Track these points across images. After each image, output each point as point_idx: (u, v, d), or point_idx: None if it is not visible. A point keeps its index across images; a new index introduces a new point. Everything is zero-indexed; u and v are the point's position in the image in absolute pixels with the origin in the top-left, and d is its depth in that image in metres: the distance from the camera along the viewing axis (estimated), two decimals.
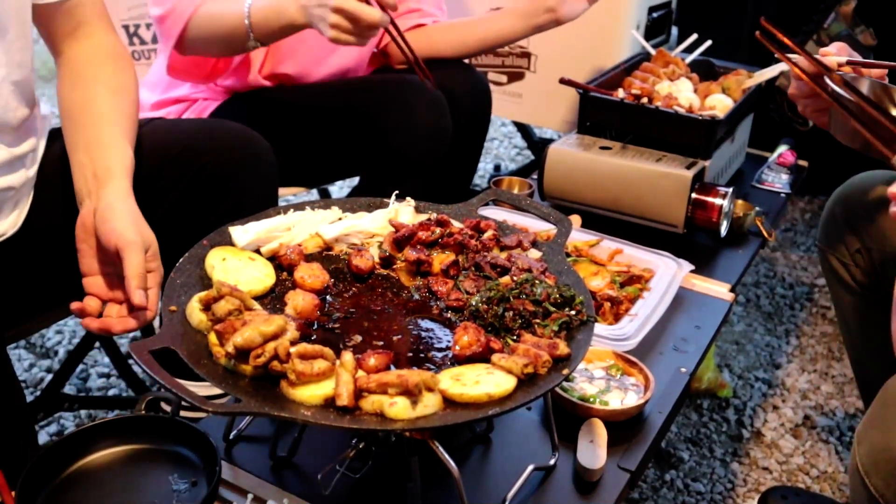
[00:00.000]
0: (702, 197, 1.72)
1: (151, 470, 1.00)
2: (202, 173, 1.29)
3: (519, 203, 1.27)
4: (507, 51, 2.62)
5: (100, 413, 1.88)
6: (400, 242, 1.16)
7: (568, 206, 1.83)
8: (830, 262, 1.53)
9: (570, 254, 1.58)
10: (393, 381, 0.86)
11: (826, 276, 1.58)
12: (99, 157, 1.14)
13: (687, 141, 1.80)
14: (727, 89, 2.00)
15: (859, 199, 1.48)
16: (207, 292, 0.98)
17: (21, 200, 1.24)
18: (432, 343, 1.00)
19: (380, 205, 1.26)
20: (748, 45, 2.75)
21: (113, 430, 1.02)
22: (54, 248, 1.27)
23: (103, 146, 1.15)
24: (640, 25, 2.48)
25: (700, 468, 1.83)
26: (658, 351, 1.39)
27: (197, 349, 0.92)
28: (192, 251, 1.09)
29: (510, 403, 0.88)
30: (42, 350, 2.12)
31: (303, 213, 1.21)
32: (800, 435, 1.95)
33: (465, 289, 1.08)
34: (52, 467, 0.97)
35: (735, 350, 2.26)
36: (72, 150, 1.17)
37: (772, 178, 2.13)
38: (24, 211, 1.24)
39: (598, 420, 1.19)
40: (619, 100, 1.87)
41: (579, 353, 0.97)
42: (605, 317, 1.41)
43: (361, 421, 0.86)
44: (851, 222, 1.48)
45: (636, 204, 1.77)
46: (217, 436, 1.11)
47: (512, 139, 3.63)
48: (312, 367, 0.88)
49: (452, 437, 1.17)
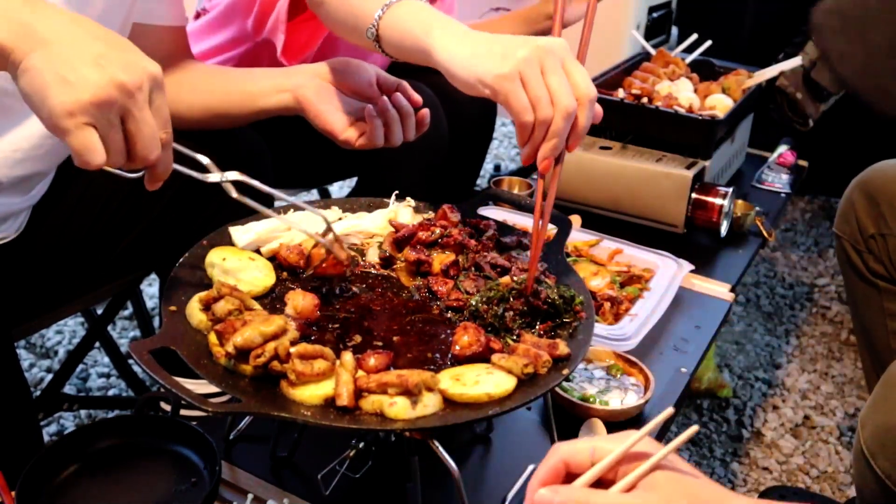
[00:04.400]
0: (702, 197, 1.72)
1: (151, 470, 1.00)
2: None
3: (519, 203, 1.27)
4: None
5: (100, 413, 1.88)
6: (400, 243, 1.16)
7: (568, 206, 1.83)
8: (845, 249, 1.53)
9: (570, 254, 1.58)
10: (393, 381, 0.86)
11: (840, 264, 1.59)
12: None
13: (687, 141, 1.80)
14: (727, 89, 2.01)
15: (879, 186, 1.48)
16: (207, 292, 0.97)
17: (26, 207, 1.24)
18: (432, 343, 1.00)
19: (380, 205, 1.26)
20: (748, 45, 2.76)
21: (113, 430, 1.02)
22: (56, 248, 1.27)
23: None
24: (640, 25, 2.48)
25: (700, 468, 1.83)
26: (658, 351, 1.39)
27: (197, 349, 0.92)
28: (192, 251, 1.09)
29: (510, 403, 0.88)
30: (42, 350, 2.12)
31: (303, 213, 1.20)
32: (800, 435, 1.95)
33: (465, 289, 1.08)
34: (52, 467, 0.97)
35: (735, 350, 2.26)
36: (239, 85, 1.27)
37: (772, 178, 2.13)
38: (28, 213, 1.25)
39: (598, 420, 1.19)
40: (620, 100, 1.87)
41: (579, 353, 0.97)
42: (605, 317, 1.41)
43: (361, 421, 0.86)
44: (868, 208, 1.49)
45: (636, 204, 1.78)
46: (217, 436, 1.11)
47: (512, 139, 3.63)
48: (312, 367, 0.88)
49: (452, 437, 1.17)
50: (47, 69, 0.76)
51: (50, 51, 0.76)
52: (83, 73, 0.76)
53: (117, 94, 0.77)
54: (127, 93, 0.78)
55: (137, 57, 0.80)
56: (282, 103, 1.26)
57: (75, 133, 0.76)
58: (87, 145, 0.77)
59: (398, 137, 1.23)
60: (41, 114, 0.77)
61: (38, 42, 0.77)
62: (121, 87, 0.77)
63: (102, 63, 0.77)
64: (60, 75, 0.75)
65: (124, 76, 0.77)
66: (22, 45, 0.76)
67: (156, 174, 0.86)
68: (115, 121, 0.78)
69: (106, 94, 0.76)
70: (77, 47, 0.77)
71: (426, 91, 1.73)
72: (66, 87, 0.75)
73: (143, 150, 0.81)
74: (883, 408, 1.01)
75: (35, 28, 0.77)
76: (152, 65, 0.81)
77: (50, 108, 0.75)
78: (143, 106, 0.80)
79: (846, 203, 1.54)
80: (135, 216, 1.30)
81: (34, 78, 0.76)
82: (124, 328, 2.21)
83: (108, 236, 1.30)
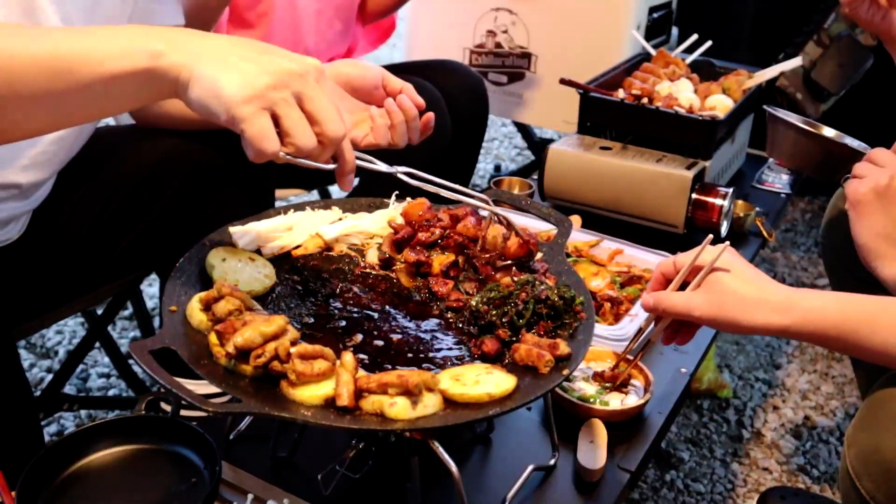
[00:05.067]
0: (702, 197, 1.72)
1: (151, 470, 1.00)
2: (196, 170, 1.29)
3: (519, 203, 1.27)
4: (508, 51, 2.62)
5: (100, 413, 1.88)
6: (400, 244, 1.16)
7: (568, 207, 1.83)
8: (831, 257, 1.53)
9: (571, 254, 1.58)
10: (393, 381, 0.86)
11: (829, 274, 1.58)
12: None
13: (687, 141, 1.80)
14: (727, 90, 2.00)
15: None
16: (207, 292, 0.97)
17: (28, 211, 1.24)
18: (432, 343, 1.00)
19: (380, 205, 1.26)
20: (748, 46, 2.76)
21: (113, 430, 1.02)
22: (57, 248, 1.27)
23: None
24: (640, 26, 2.49)
25: (700, 468, 1.83)
26: (658, 351, 1.39)
27: (197, 349, 0.92)
28: (192, 251, 1.09)
29: (510, 403, 0.88)
30: (42, 350, 2.12)
31: (303, 213, 1.21)
32: (800, 435, 1.95)
33: (465, 289, 1.08)
34: (52, 467, 0.97)
35: (735, 350, 2.26)
36: None
37: (772, 179, 2.13)
38: (29, 216, 1.25)
39: (598, 420, 1.19)
40: (620, 100, 1.87)
41: (579, 353, 0.97)
42: (605, 317, 1.41)
43: (361, 421, 0.86)
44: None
45: (636, 204, 1.78)
46: (217, 436, 1.11)
47: (512, 139, 3.63)
48: (312, 368, 0.88)
49: (452, 437, 1.17)
50: (218, 71, 0.80)
51: (216, 59, 0.80)
52: (253, 66, 0.80)
53: (288, 77, 0.81)
54: (297, 76, 0.81)
55: (298, 55, 0.85)
56: None
57: (251, 120, 0.80)
58: (261, 132, 0.80)
59: (403, 139, 1.24)
60: (218, 111, 0.80)
61: (204, 58, 0.81)
62: (290, 72, 0.81)
63: (268, 57, 0.81)
64: (232, 71, 0.79)
65: (291, 64, 0.82)
66: (189, 61, 0.80)
67: (345, 164, 0.90)
68: (291, 101, 0.81)
69: (278, 78, 0.80)
70: (242, 52, 0.81)
71: (431, 91, 1.74)
72: (239, 77, 0.79)
73: (329, 128, 0.83)
74: (868, 428, 1.01)
75: (201, 48, 0.81)
76: (313, 59, 0.85)
77: (227, 99, 0.79)
78: (314, 86, 0.83)
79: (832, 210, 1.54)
80: (135, 216, 1.30)
81: (206, 82, 0.80)
82: (124, 328, 2.21)
83: (108, 236, 1.30)
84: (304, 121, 0.82)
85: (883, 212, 1.18)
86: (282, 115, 0.81)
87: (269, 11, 1.65)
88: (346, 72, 1.27)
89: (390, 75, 1.28)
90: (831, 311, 0.96)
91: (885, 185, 1.18)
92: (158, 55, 0.81)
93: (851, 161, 1.27)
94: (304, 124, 0.82)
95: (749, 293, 0.98)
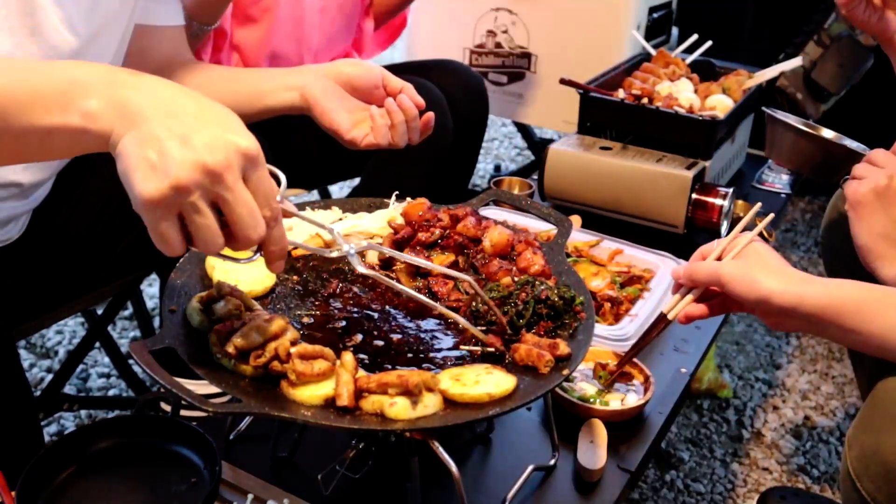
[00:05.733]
0: (702, 197, 1.72)
1: (151, 470, 1.00)
2: None
3: (519, 203, 1.27)
4: (508, 51, 2.62)
5: (100, 413, 1.88)
6: (400, 244, 1.16)
7: (568, 207, 1.83)
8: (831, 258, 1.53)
9: (571, 254, 1.58)
10: (393, 381, 0.86)
11: (829, 275, 1.58)
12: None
13: (687, 141, 1.80)
14: (727, 90, 2.01)
15: None
16: (207, 292, 0.98)
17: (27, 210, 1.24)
18: (432, 343, 1.00)
19: (380, 205, 1.26)
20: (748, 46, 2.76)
21: (113, 430, 1.02)
22: (57, 248, 1.27)
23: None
24: (640, 26, 2.49)
25: (700, 468, 1.83)
26: (658, 351, 1.39)
27: (197, 349, 0.92)
28: (192, 251, 1.09)
29: (510, 403, 0.88)
30: (42, 350, 2.12)
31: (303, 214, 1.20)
32: (800, 435, 1.95)
33: (464, 290, 1.08)
34: (52, 467, 0.97)
35: (735, 350, 2.26)
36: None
37: (772, 179, 2.13)
38: (29, 216, 1.25)
39: (598, 420, 1.19)
40: (620, 100, 1.87)
41: (579, 353, 0.97)
42: (605, 317, 1.41)
43: (361, 421, 0.86)
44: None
45: (636, 204, 1.78)
46: (217, 436, 1.11)
47: (512, 139, 3.63)
48: (312, 368, 0.88)
49: (452, 437, 1.17)
50: (135, 154, 0.73)
51: (141, 131, 0.73)
52: (175, 153, 0.72)
53: (200, 177, 0.72)
54: (212, 175, 0.73)
55: (227, 133, 0.75)
56: (289, 102, 1.26)
57: (153, 227, 0.74)
58: (161, 238, 0.74)
59: (403, 139, 1.24)
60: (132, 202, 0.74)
61: (132, 121, 0.74)
62: (204, 169, 0.72)
63: (188, 144, 0.72)
64: (146, 161, 0.72)
65: (208, 157, 0.72)
66: (118, 127, 0.74)
67: (270, 254, 0.82)
68: (201, 205, 0.74)
69: (187, 179, 0.72)
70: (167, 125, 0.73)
71: (432, 90, 1.74)
72: (149, 173, 0.72)
73: (242, 232, 0.76)
74: (869, 429, 1.01)
75: (132, 104, 0.75)
76: (244, 139, 0.75)
77: (135, 197, 0.73)
78: (233, 186, 0.74)
79: (832, 211, 1.54)
80: (135, 216, 1.29)
81: (123, 164, 0.73)
82: (124, 328, 2.21)
83: (108, 236, 1.30)
84: (211, 226, 0.75)
85: (883, 212, 1.18)
86: (188, 221, 0.75)
87: (272, 7, 1.65)
88: (347, 71, 1.27)
89: (390, 75, 1.28)
90: (848, 286, 1.00)
91: (884, 186, 1.18)
92: (91, 116, 0.75)
93: (851, 162, 1.27)
94: (211, 230, 0.75)
95: (775, 264, 1.06)
